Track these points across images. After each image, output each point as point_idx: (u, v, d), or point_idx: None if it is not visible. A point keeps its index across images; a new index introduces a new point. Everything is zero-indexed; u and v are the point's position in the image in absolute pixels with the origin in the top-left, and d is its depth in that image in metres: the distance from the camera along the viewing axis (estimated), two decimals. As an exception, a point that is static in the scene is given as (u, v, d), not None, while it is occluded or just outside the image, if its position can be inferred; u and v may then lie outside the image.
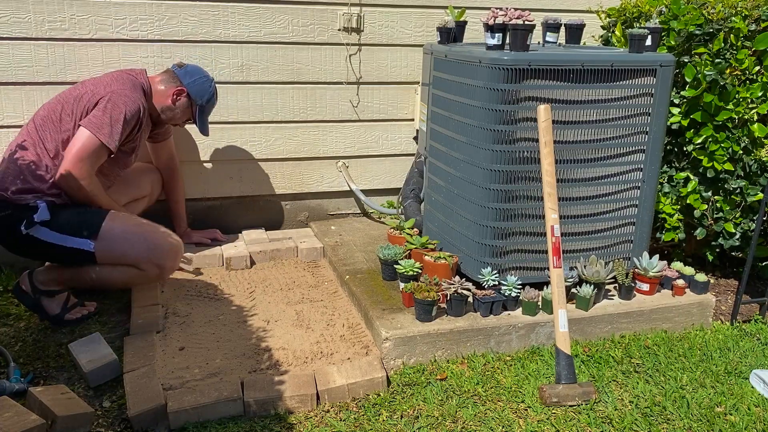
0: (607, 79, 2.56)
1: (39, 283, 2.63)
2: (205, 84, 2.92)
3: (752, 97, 2.83)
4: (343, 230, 3.52)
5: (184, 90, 2.86)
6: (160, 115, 2.87)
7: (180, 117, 2.93)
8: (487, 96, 2.48)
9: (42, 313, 2.64)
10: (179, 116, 2.92)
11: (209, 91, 2.94)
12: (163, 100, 2.85)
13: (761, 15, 2.83)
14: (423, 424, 2.11)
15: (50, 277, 2.66)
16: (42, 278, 2.65)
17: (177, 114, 2.90)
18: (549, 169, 2.41)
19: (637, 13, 3.26)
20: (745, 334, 2.76)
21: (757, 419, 2.18)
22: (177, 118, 2.92)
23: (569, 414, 2.18)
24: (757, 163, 2.91)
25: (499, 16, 2.48)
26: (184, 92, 2.87)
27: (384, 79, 3.56)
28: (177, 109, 2.88)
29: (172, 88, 2.85)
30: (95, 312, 2.75)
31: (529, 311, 2.55)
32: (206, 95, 2.92)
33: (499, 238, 2.62)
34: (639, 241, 2.83)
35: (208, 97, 2.94)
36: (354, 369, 2.29)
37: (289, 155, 3.52)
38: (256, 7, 3.26)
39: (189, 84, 2.87)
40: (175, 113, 2.89)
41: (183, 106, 2.89)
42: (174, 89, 2.85)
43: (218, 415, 2.11)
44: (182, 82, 2.87)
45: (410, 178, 3.37)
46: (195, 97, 2.89)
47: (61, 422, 1.96)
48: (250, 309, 2.77)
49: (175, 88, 2.85)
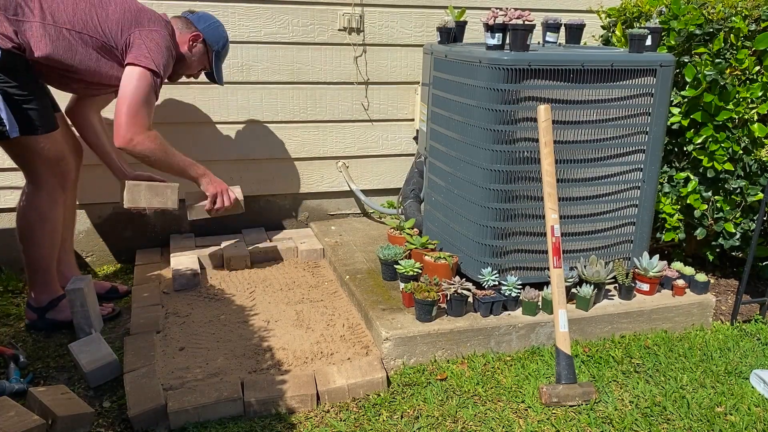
0: (607, 79, 2.56)
1: (35, 302, 2.60)
2: (220, 28, 2.80)
3: (752, 97, 2.83)
4: (343, 230, 3.52)
5: (200, 35, 2.73)
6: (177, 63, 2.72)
7: (196, 65, 2.79)
8: (487, 96, 2.48)
9: (59, 325, 2.60)
10: (195, 64, 2.78)
11: (224, 36, 2.82)
12: (180, 47, 2.70)
13: (761, 15, 2.83)
14: (423, 424, 2.11)
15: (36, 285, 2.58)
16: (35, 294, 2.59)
17: (194, 62, 2.76)
18: (549, 169, 2.41)
19: (638, 13, 3.26)
20: (745, 334, 2.76)
21: (758, 419, 2.18)
22: (193, 66, 2.78)
23: (569, 414, 2.18)
24: (757, 163, 2.91)
25: (499, 16, 2.48)
26: (200, 37, 2.73)
27: (384, 79, 3.56)
28: (194, 56, 2.74)
29: (187, 34, 2.71)
30: (115, 313, 2.74)
31: (530, 311, 2.55)
32: (221, 40, 2.80)
33: (499, 238, 2.62)
34: (639, 241, 2.83)
35: (223, 42, 2.82)
36: (354, 369, 2.29)
37: (289, 155, 3.52)
38: (256, 7, 3.26)
39: (204, 29, 2.74)
40: (192, 61, 2.75)
41: (199, 52, 2.76)
42: (189, 35, 2.71)
43: (218, 415, 2.11)
44: (197, 27, 2.73)
45: (410, 178, 3.37)
46: (211, 43, 2.76)
47: (61, 422, 1.96)
48: (250, 309, 2.77)
49: (190, 33, 2.71)
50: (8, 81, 2.31)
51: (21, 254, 2.57)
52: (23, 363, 2.34)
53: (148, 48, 2.48)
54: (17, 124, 2.34)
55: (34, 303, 2.60)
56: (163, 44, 2.53)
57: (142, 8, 2.56)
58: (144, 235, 3.38)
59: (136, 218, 3.34)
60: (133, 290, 2.89)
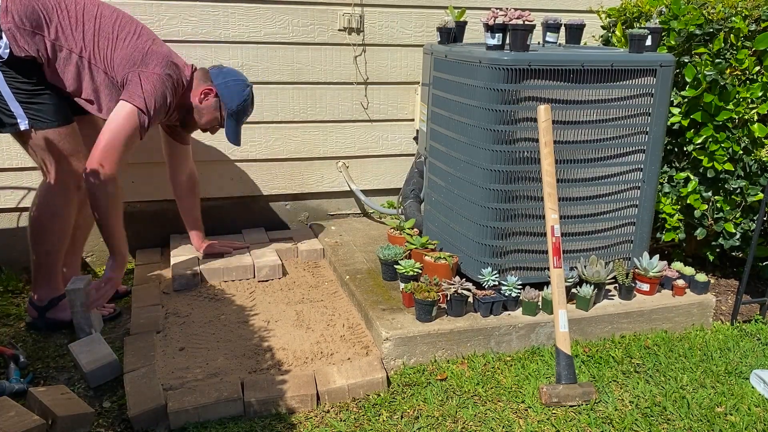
0: (607, 79, 2.56)
1: (39, 300, 2.60)
2: (239, 87, 2.71)
3: (752, 97, 2.83)
4: (343, 230, 3.52)
5: (212, 90, 2.67)
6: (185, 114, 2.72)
7: (206, 118, 2.72)
8: (487, 96, 2.48)
9: (60, 324, 2.60)
10: (204, 118, 2.72)
11: (242, 96, 2.71)
12: (192, 98, 2.69)
13: (761, 15, 2.83)
14: (423, 424, 2.11)
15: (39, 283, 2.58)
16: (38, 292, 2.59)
17: (203, 115, 2.71)
18: (549, 169, 2.41)
19: (638, 13, 3.26)
20: (745, 334, 2.76)
21: (758, 419, 2.18)
22: (203, 120, 2.73)
23: (569, 414, 2.18)
24: (757, 163, 2.90)
25: (499, 17, 2.48)
26: (213, 92, 2.68)
27: (384, 79, 3.56)
28: (203, 109, 2.69)
29: (201, 86, 2.67)
30: (116, 314, 2.74)
31: (530, 311, 2.55)
32: (238, 100, 2.70)
33: (500, 238, 2.62)
34: (639, 241, 2.83)
35: (239, 102, 2.71)
36: (354, 369, 2.29)
37: (290, 155, 3.52)
38: (256, 7, 3.26)
39: (219, 84, 2.68)
40: (201, 114, 2.70)
41: (210, 106, 2.69)
42: (203, 87, 2.67)
43: (218, 415, 2.11)
44: (213, 81, 2.68)
45: (410, 178, 3.37)
46: (225, 100, 2.68)
47: (61, 422, 1.96)
48: (250, 309, 2.77)
49: (204, 86, 2.67)
50: (17, 77, 2.35)
51: (29, 249, 2.57)
52: (23, 363, 2.34)
53: (144, 89, 2.44)
54: (27, 117, 2.38)
55: (36, 301, 2.60)
56: (160, 88, 2.48)
57: (155, 52, 2.53)
58: (144, 235, 3.38)
59: (135, 218, 3.34)
60: (133, 290, 2.89)
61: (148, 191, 3.32)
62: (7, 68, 2.34)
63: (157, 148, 3.22)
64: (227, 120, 2.74)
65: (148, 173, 3.26)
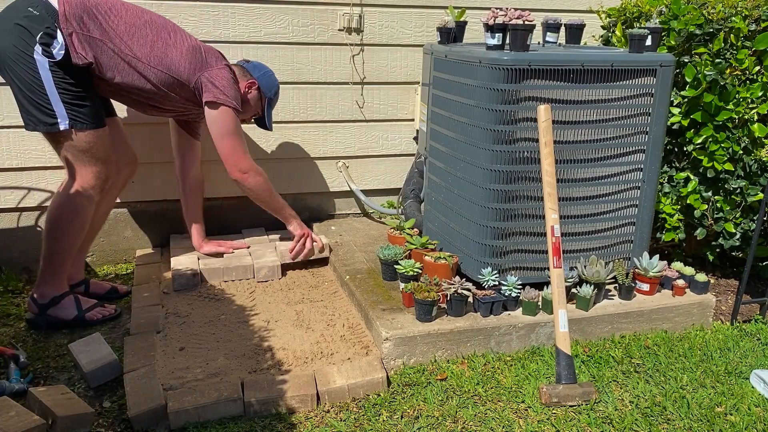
0: (607, 79, 2.56)
1: (41, 297, 2.60)
2: (272, 77, 2.98)
3: (752, 97, 2.83)
4: (343, 230, 3.52)
5: (255, 82, 2.90)
6: None
7: (251, 110, 2.95)
8: (487, 96, 2.48)
9: (60, 324, 2.61)
10: (249, 110, 2.94)
11: (276, 84, 2.99)
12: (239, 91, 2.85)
13: (761, 15, 2.83)
14: (423, 424, 2.11)
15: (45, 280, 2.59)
16: (41, 289, 2.60)
17: (248, 108, 2.92)
18: (549, 169, 2.41)
19: (638, 13, 3.26)
20: (745, 334, 2.76)
21: (758, 419, 2.18)
22: (249, 110, 2.94)
23: (569, 414, 2.18)
24: (757, 163, 2.91)
25: (499, 17, 2.48)
26: (255, 85, 2.90)
27: (384, 79, 3.56)
28: (248, 102, 2.90)
29: (244, 81, 2.88)
30: (116, 315, 2.74)
31: (530, 311, 2.55)
32: (274, 88, 2.98)
33: (500, 238, 2.62)
34: (639, 241, 2.83)
35: (275, 90, 2.99)
36: (354, 369, 2.29)
37: (289, 155, 3.52)
38: (256, 7, 3.26)
39: (259, 77, 2.92)
40: (246, 107, 2.91)
41: (254, 99, 2.92)
42: (246, 82, 2.88)
43: (218, 415, 2.11)
44: (252, 74, 2.91)
45: (410, 178, 3.37)
46: (265, 90, 2.93)
47: (61, 422, 1.96)
48: (250, 309, 2.77)
49: (246, 81, 2.88)
50: (65, 77, 2.43)
51: (43, 245, 2.58)
52: (23, 363, 2.34)
53: (222, 87, 2.70)
54: (68, 117, 2.44)
55: (38, 298, 2.60)
56: (232, 81, 2.76)
57: (209, 48, 2.79)
58: (144, 235, 3.38)
59: (135, 218, 3.35)
60: (133, 290, 2.89)
61: (148, 191, 3.32)
62: (57, 68, 2.41)
63: (158, 148, 3.23)
64: (267, 109, 2.99)
65: (149, 173, 3.26)
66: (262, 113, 3.00)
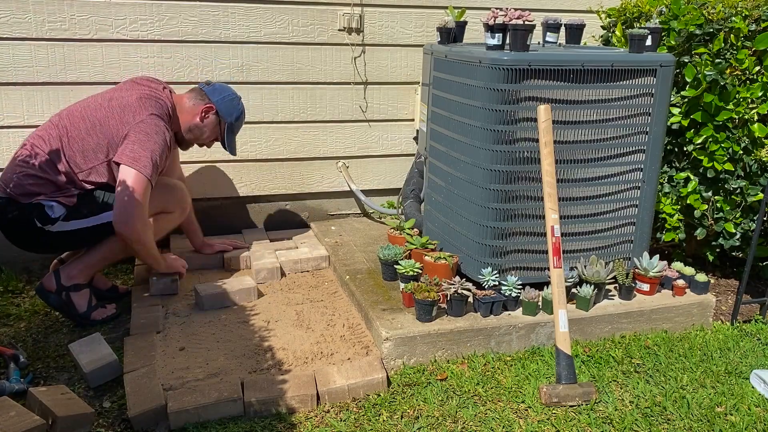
0: (607, 79, 2.56)
1: (66, 279, 2.63)
2: (234, 101, 2.86)
3: (752, 97, 2.83)
4: (343, 230, 3.52)
5: (213, 107, 2.80)
6: (184, 135, 2.82)
7: (208, 136, 2.86)
8: (488, 96, 2.48)
9: (70, 310, 2.64)
10: (207, 135, 2.85)
11: (238, 109, 2.87)
12: (191, 118, 2.79)
13: (761, 15, 2.83)
14: (423, 424, 2.11)
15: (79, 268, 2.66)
16: (72, 272, 2.64)
17: (205, 132, 2.84)
18: (549, 169, 2.41)
19: (638, 13, 3.26)
20: (745, 334, 2.76)
21: (758, 419, 2.18)
22: (204, 136, 2.85)
23: (569, 414, 2.18)
24: (757, 163, 2.91)
25: (499, 17, 2.48)
26: (213, 109, 2.80)
27: (384, 79, 3.56)
28: (205, 127, 2.82)
29: (200, 105, 2.79)
30: (117, 314, 2.75)
31: (530, 311, 2.55)
32: (235, 113, 2.86)
33: (500, 238, 2.62)
34: (639, 241, 2.83)
35: (237, 115, 2.87)
36: (354, 369, 2.29)
37: (289, 155, 3.52)
38: (256, 7, 3.26)
39: (218, 101, 2.81)
40: (202, 131, 2.83)
41: (211, 124, 2.83)
42: (203, 106, 2.79)
43: (219, 415, 2.11)
44: (211, 99, 2.80)
45: (410, 178, 3.37)
46: (224, 115, 2.82)
47: (61, 422, 1.96)
48: (250, 309, 2.77)
49: (203, 105, 2.79)
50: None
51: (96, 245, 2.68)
52: (23, 363, 2.34)
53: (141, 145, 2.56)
54: None
55: (64, 278, 2.63)
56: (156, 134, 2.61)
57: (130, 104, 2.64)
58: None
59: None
60: (133, 290, 2.89)
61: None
62: None
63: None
64: (227, 133, 2.88)
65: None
66: (221, 138, 2.89)
